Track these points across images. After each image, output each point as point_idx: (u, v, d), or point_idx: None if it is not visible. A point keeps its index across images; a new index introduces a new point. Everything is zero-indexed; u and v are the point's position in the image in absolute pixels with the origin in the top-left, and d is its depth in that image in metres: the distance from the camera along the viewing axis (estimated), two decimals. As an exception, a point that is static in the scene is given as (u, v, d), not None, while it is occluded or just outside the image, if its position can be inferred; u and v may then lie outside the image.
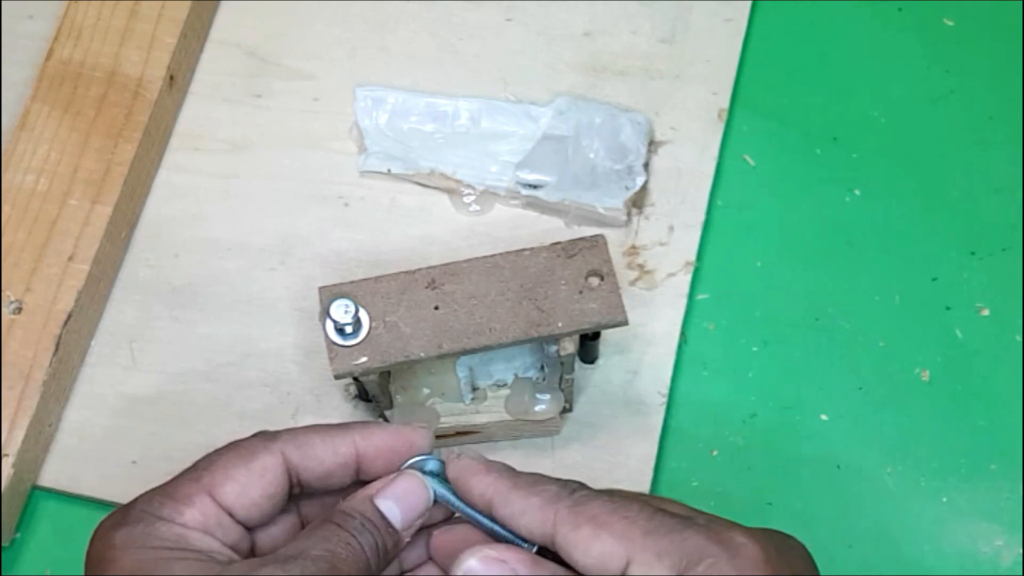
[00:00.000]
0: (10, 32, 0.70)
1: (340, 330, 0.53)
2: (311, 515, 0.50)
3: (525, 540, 0.46)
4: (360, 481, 0.48)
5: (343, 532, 0.45)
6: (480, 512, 0.47)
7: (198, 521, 0.45)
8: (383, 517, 0.47)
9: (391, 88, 0.68)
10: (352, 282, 0.55)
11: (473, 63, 0.69)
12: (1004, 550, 0.58)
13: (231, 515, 0.46)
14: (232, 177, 0.67)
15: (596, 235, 0.56)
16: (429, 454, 0.49)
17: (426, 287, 0.55)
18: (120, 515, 0.46)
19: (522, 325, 0.54)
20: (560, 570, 0.45)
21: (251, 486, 0.46)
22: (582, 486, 0.46)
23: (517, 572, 0.44)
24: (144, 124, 0.65)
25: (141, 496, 0.47)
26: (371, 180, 0.66)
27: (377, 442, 0.48)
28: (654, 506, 0.45)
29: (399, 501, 0.47)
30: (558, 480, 0.46)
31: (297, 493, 0.48)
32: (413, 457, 0.49)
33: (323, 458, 0.47)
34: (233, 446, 0.47)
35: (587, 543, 0.43)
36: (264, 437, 0.48)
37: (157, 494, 0.46)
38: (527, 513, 0.45)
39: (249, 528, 0.47)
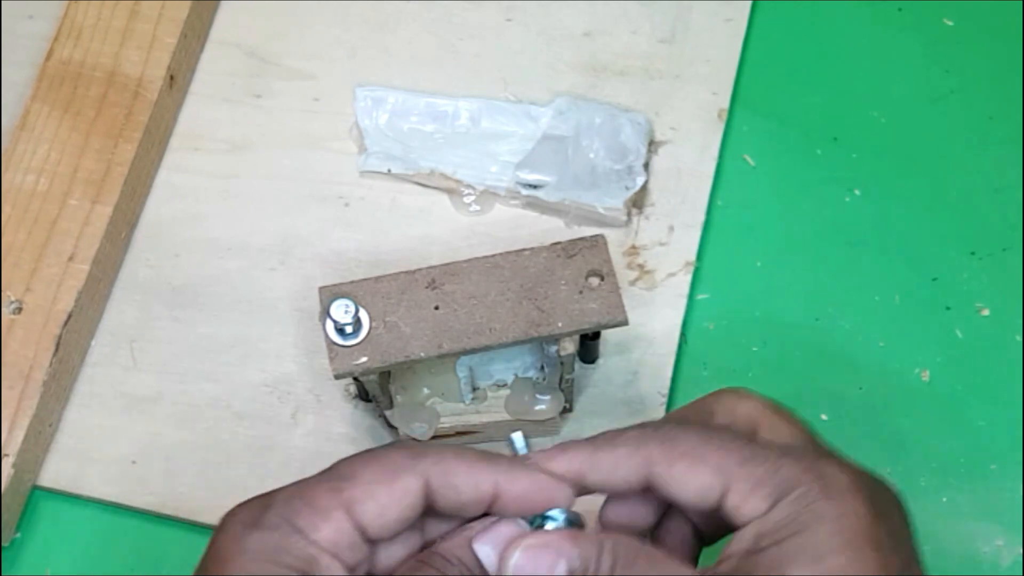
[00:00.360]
0: (10, 32, 0.70)
1: (340, 330, 0.53)
2: (433, 533, 0.47)
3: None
4: None
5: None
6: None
7: (331, 541, 0.43)
8: (479, 562, 0.45)
9: (391, 88, 0.68)
10: (352, 282, 0.55)
11: (473, 63, 0.69)
12: (1004, 550, 0.58)
13: (363, 532, 0.44)
14: (232, 177, 0.67)
15: (596, 235, 0.56)
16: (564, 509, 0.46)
17: (426, 287, 0.55)
18: (258, 512, 0.44)
19: (522, 325, 0.54)
20: (599, 538, 0.45)
21: (391, 507, 0.44)
22: (663, 422, 0.46)
23: (562, 550, 0.44)
24: (144, 124, 0.65)
25: (280, 493, 0.44)
26: (371, 180, 0.66)
27: (518, 489, 0.45)
28: (745, 436, 0.45)
29: (497, 547, 0.45)
30: (633, 426, 0.46)
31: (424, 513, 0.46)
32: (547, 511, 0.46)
33: (463, 490, 0.45)
34: (376, 458, 0.45)
35: (684, 478, 0.44)
36: (409, 454, 0.45)
37: (297, 498, 0.44)
38: (619, 466, 0.45)
39: (373, 542, 0.45)
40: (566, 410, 0.60)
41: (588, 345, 0.60)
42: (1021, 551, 0.58)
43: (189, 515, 0.60)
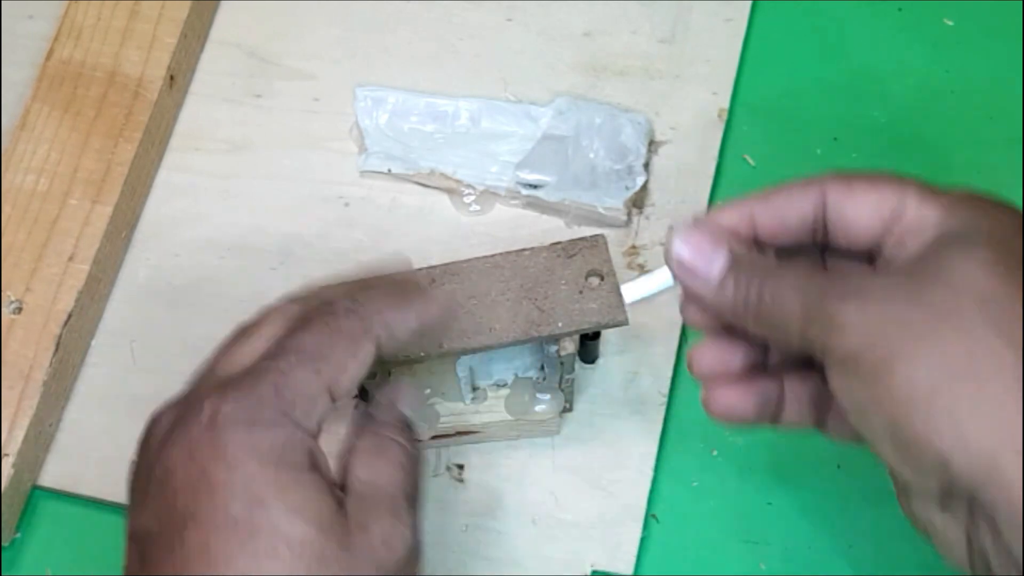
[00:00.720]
0: (10, 32, 0.70)
1: None
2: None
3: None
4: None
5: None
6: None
7: (317, 429, 0.43)
8: (406, 419, 0.48)
9: (391, 88, 0.68)
10: None
11: (473, 63, 0.69)
12: (1004, 550, 0.58)
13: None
14: (232, 177, 0.67)
15: (596, 235, 0.56)
16: None
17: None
18: (255, 408, 0.42)
19: (522, 325, 0.54)
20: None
21: (357, 377, 0.45)
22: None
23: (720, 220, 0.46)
24: (144, 124, 0.65)
25: (266, 379, 0.43)
26: (371, 180, 0.66)
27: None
28: (903, 178, 0.46)
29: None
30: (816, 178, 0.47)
31: None
32: None
33: (399, 335, 0.47)
34: (337, 330, 0.45)
35: (863, 195, 0.45)
36: (356, 318, 0.45)
37: (285, 388, 0.43)
38: (793, 198, 0.47)
39: None
40: (566, 410, 0.60)
41: (588, 345, 0.60)
42: (1021, 551, 0.58)
43: None
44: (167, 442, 0.43)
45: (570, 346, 0.55)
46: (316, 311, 0.46)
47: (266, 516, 0.41)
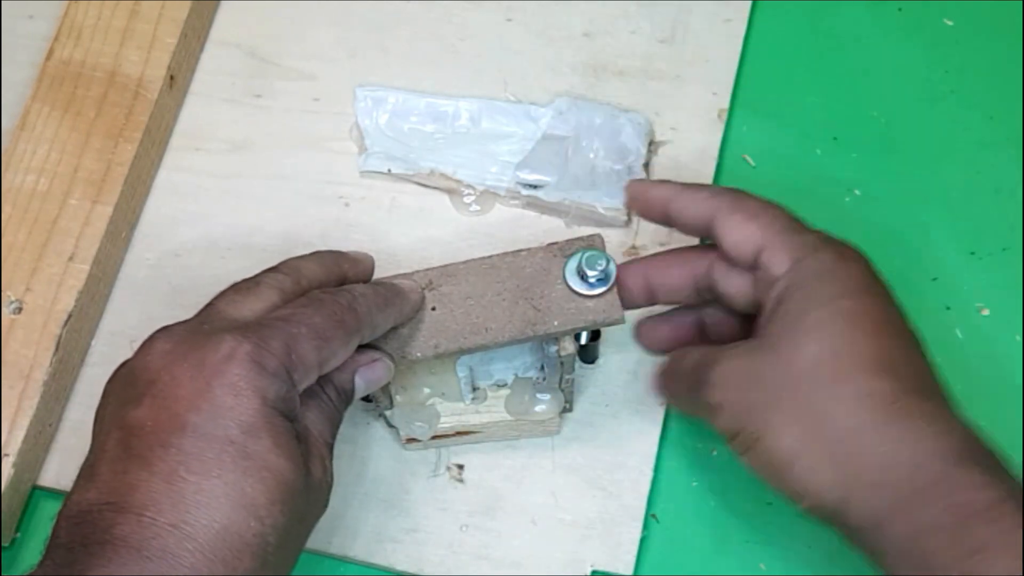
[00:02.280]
0: (10, 32, 0.70)
1: None
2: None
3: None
4: None
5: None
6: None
7: (300, 391, 0.49)
8: (352, 391, 0.54)
9: (391, 88, 0.68)
10: None
11: (473, 63, 0.69)
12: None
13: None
14: (233, 177, 0.67)
15: (593, 234, 0.56)
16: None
17: (423, 289, 0.55)
18: (267, 357, 0.48)
19: (518, 324, 0.54)
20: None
21: (338, 363, 0.51)
22: (744, 193, 0.56)
23: None
24: (144, 124, 0.65)
25: (280, 337, 0.48)
26: (371, 180, 0.66)
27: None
28: (791, 216, 0.55)
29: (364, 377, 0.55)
30: (725, 189, 0.56)
31: None
32: None
33: (377, 333, 0.54)
34: (340, 321, 0.50)
35: (738, 227, 0.54)
36: (354, 316, 0.51)
37: (290, 351, 0.48)
38: (696, 203, 0.55)
39: None
40: (566, 410, 0.60)
41: (588, 345, 0.60)
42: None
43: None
44: (178, 358, 0.48)
45: (570, 346, 0.55)
46: (327, 298, 0.51)
47: (258, 445, 0.46)
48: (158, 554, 0.44)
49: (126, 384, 0.49)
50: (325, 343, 0.50)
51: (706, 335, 0.59)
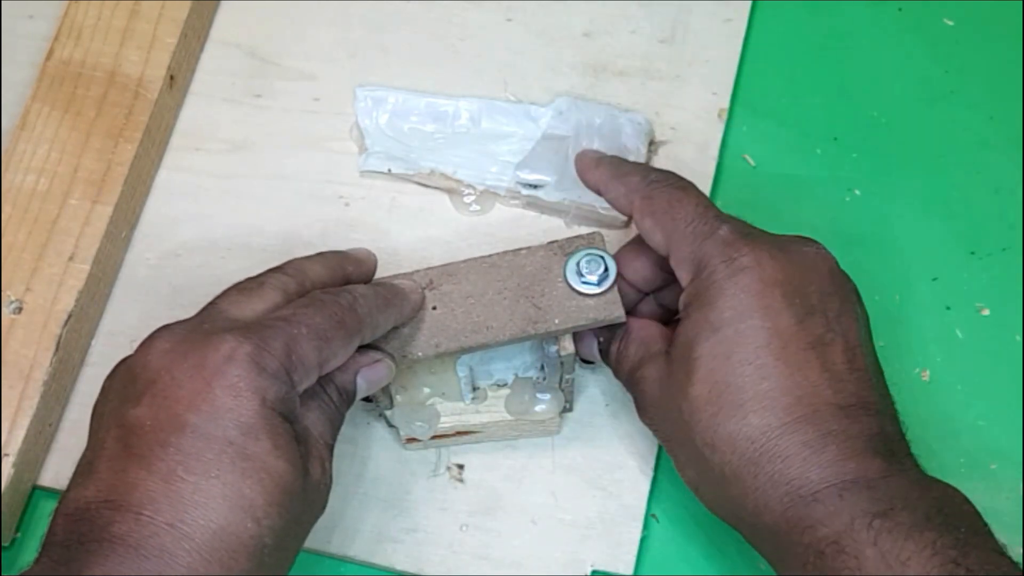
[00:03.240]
0: (10, 32, 0.70)
1: None
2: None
3: None
4: None
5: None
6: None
7: (300, 392, 0.50)
8: (354, 392, 0.54)
9: (391, 88, 0.68)
10: None
11: (473, 63, 0.69)
12: (1004, 550, 0.58)
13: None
14: (233, 177, 0.67)
15: (593, 232, 0.56)
16: None
17: (424, 288, 0.55)
18: (267, 358, 0.48)
19: (519, 323, 0.54)
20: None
21: (339, 364, 0.52)
22: (663, 176, 0.56)
23: None
24: (144, 124, 0.65)
25: (280, 338, 0.48)
26: (371, 180, 0.66)
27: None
28: (702, 211, 0.54)
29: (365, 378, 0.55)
30: (643, 169, 0.58)
31: None
32: None
33: (378, 333, 0.54)
34: (341, 322, 0.51)
35: (648, 232, 0.55)
36: (356, 317, 0.51)
37: (295, 353, 0.49)
38: (619, 199, 0.57)
39: None
40: (566, 410, 0.60)
41: (588, 345, 0.60)
42: (1021, 551, 0.58)
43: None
44: (178, 357, 0.48)
45: (570, 346, 0.55)
46: (328, 298, 0.51)
47: (256, 447, 0.47)
48: (155, 553, 0.44)
49: (126, 382, 0.49)
50: (326, 344, 0.50)
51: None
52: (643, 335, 0.56)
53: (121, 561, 0.44)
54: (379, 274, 0.57)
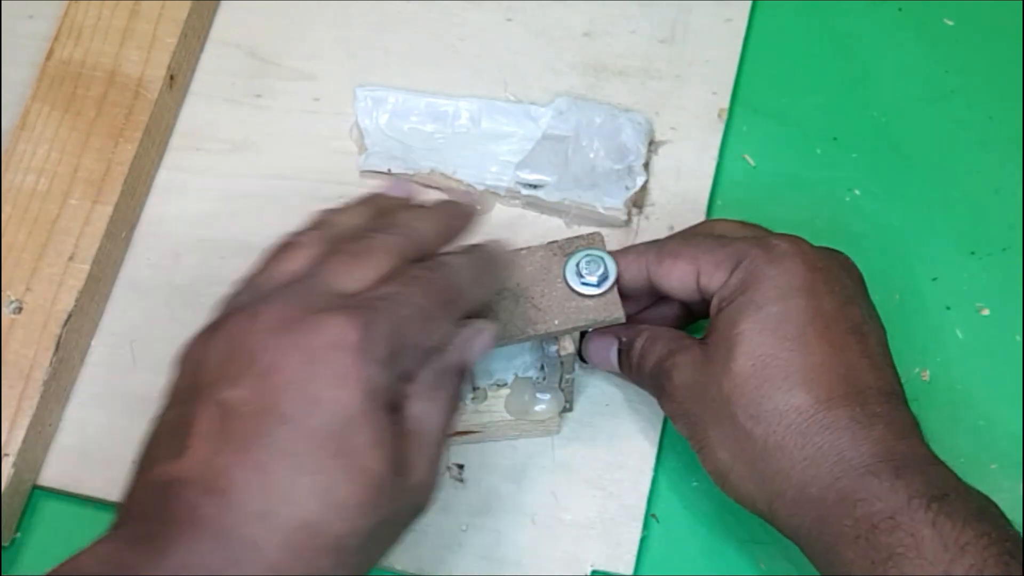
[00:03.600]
0: (10, 32, 0.70)
1: None
2: None
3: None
4: None
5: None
6: None
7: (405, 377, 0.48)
8: None
9: (391, 88, 0.68)
10: None
11: (473, 63, 0.69)
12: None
13: None
14: (233, 177, 0.67)
15: (592, 232, 0.56)
16: None
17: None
18: (373, 345, 0.45)
19: (519, 324, 0.54)
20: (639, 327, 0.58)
21: (446, 345, 0.50)
22: (671, 236, 0.59)
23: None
24: (144, 124, 0.65)
25: (385, 321, 0.46)
26: (372, 180, 0.66)
27: None
28: (715, 234, 0.57)
29: None
30: (652, 242, 0.58)
31: None
32: None
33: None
34: (450, 304, 0.49)
35: (668, 270, 0.55)
36: (463, 302, 0.50)
37: (402, 336, 0.46)
38: (629, 267, 0.56)
39: None
40: (566, 410, 0.60)
41: (588, 345, 0.60)
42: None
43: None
44: (282, 339, 0.45)
45: (570, 346, 0.55)
46: (432, 276, 0.49)
47: (355, 442, 0.44)
48: (240, 542, 0.43)
49: (225, 357, 0.46)
50: (431, 324, 0.48)
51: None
52: (670, 333, 0.57)
53: (205, 546, 0.43)
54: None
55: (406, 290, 0.47)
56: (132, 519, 0.45)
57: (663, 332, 0.57)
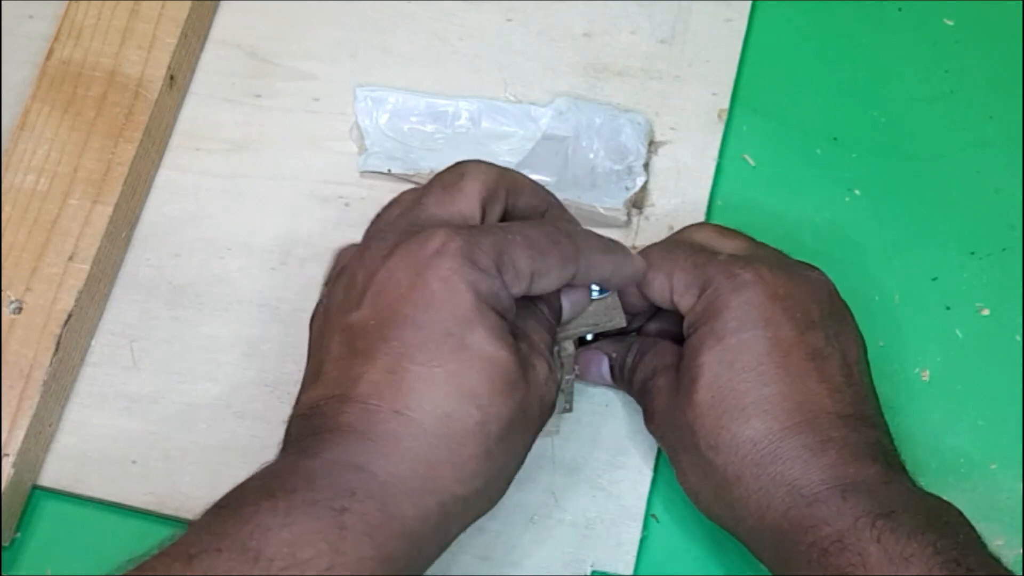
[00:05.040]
0: (10, 32, 0.70)
1: None
2: None
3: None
4: None
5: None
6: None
7: (512, 297, 0.50)
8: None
9: (391, 88, 0.68)
10: None
11: (473, 63, 0.69)
12: (1004, 550, 0.58)
13: None
14: (233, 177, 0.67)
15: None
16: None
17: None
18: (477, 253, 0.48)
19: None
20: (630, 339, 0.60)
21: (552, 286, 0.52)
22: (654, 245, 0.58)
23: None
24: (144, 124, 0.65)
25: (491, 238, 0.49)
26: (372, 180, 0.66)
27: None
28: (697, 247, 0.56)
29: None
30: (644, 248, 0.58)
31: None
32: None
33: (593, 276, 0.54)
34: (557, 243, 0.51)
35: (650, 282, 0.56)
36: (573, 246, 0.52)
37: (506, 255, 0.49)
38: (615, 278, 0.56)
39: None
40: (566, 410, 0.60)
41: (588, 344, 0.60)
42: (1021, 551, 0.58)
43: (189, 515, 0.59)
44: (392, 257, 0.49)
45: (570, 347, 0.55)
46: (546, 221, 0.54)
47: (474, 336, 0.48)
48: (382, 436, 0.47)
49: (347, 289, 0.50)
50: (539, 255, 0.50)
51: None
52: (657, 348, 0.57)
53: (350, 444, 0.46)
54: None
55: (516, 224, 0.51)
56: (288, 444, 0.49)
57: (651, 347, 0.58)
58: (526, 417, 0.50)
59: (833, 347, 0.53)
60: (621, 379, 0.59)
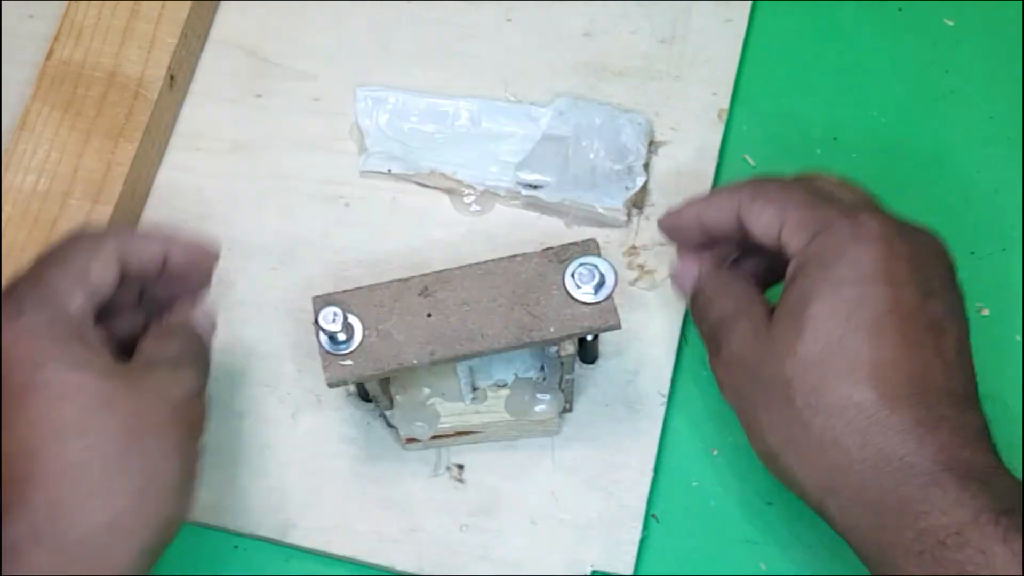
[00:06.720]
0: (10, 32, 0.70)
1: (332, 338, 0.53)
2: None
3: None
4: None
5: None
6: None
7: (82, 313, 0.52)
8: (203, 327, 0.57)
9: (391, 88, 0.68)
10: (345, 291, 0.55)
11: (473, 63, 0.69)
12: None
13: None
14: (233, 177, 0.67)
15: (588, 240, 0.55)
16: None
17: (419, 295, 0.55)
18: (17, 302, 0.51)
19: (514, 331, 0.54)
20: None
21: (103, 275, 0.53)
22: (770, 178, 0.55)
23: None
24: (145, 124, 0.65)
25: (24, 282, 0.52)
26: (372, 180, 0.66)
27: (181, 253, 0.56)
28: (815, 189, 0.53)
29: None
30: (749, 179, 0.56)
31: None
32: None
33: (141, 257, 0.55)
34: (74, 243, 0.53)
35: (758, 213, 0.53)
36: (88, 238, 0.54)
37: (42, 285, 0.51)
38: (721, 203, 0.55)
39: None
40: (566, 410, 0.60)
41: (587, 345, 0.60)
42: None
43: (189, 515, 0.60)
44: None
45: (570, 347, 0.55)
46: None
47: (47, 374, 0.48)
48: None
49: None
50: (68, 264, 0.52)
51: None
52: (739, 288, 0.55)
53: None
54: (377, 272, 0.57)
55: (42, 254, 0.54)
56: None
57: (734, 284, 0.55)
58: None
59: (951, 320, 0.50)
60: (693, 308, 0.56)
